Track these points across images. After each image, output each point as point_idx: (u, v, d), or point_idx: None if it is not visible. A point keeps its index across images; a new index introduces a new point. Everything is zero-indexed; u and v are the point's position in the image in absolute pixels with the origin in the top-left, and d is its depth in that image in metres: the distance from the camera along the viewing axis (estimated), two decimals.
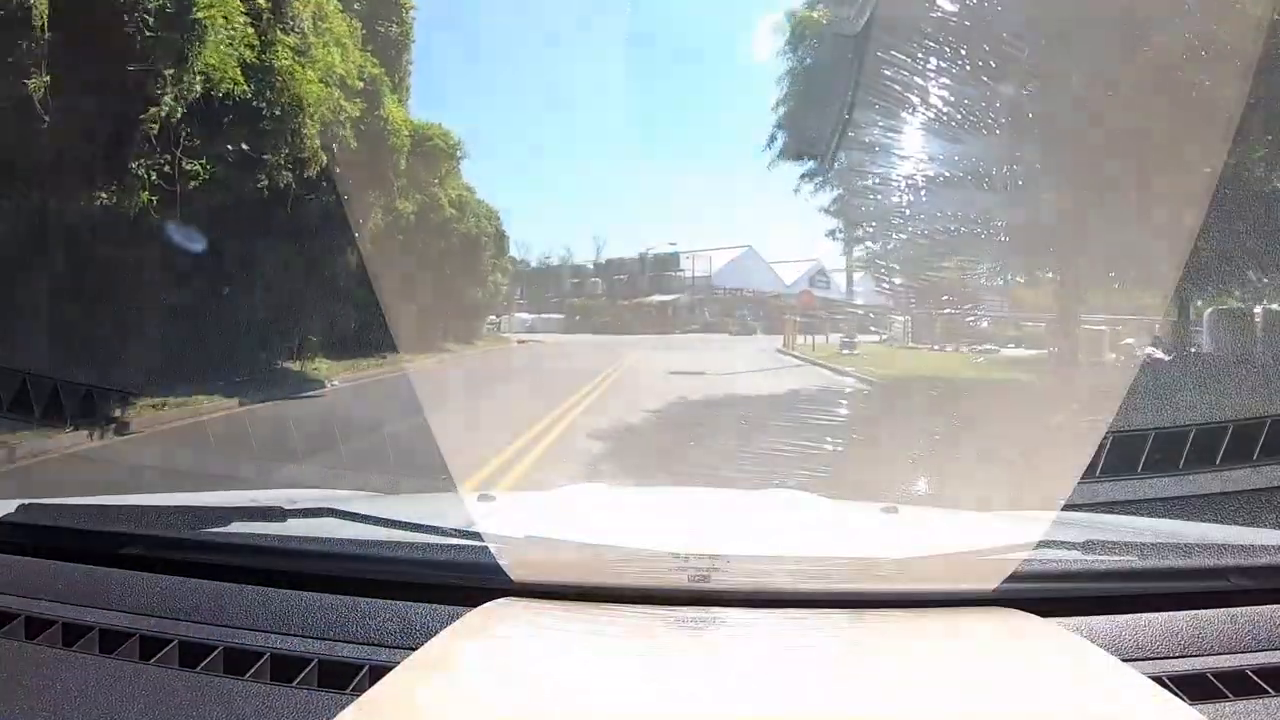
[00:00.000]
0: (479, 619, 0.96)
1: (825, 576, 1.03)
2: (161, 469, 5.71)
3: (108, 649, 1.00)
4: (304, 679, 0.93)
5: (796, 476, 4.62)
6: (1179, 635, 0.98)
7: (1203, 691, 0.89)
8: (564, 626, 0.96)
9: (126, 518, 1.32)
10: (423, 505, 1.89)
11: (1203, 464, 4.88)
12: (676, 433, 7.40)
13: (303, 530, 1.25)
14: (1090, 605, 1.03)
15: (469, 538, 1.14)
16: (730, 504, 1.87)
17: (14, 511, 1.25)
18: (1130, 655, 0.93)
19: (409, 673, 0.82)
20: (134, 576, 1.13)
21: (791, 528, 1.54)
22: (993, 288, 14.57)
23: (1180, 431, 5.26)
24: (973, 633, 0.97)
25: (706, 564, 1.01)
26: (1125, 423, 3.87)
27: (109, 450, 6.23)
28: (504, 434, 6.64)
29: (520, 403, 9.47)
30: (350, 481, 4.38)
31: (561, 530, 1.21)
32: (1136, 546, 1.17)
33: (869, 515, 1.58)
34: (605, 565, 1.04)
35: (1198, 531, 1.58)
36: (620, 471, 5.62)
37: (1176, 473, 5.20)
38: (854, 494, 3.82)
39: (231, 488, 2.17)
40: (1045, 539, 1.16)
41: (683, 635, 0.93)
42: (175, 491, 2.30)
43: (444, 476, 3.68)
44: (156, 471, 5.68)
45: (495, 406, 9.49)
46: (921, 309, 16.89)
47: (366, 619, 1.01)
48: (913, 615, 0.99)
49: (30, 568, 1.19)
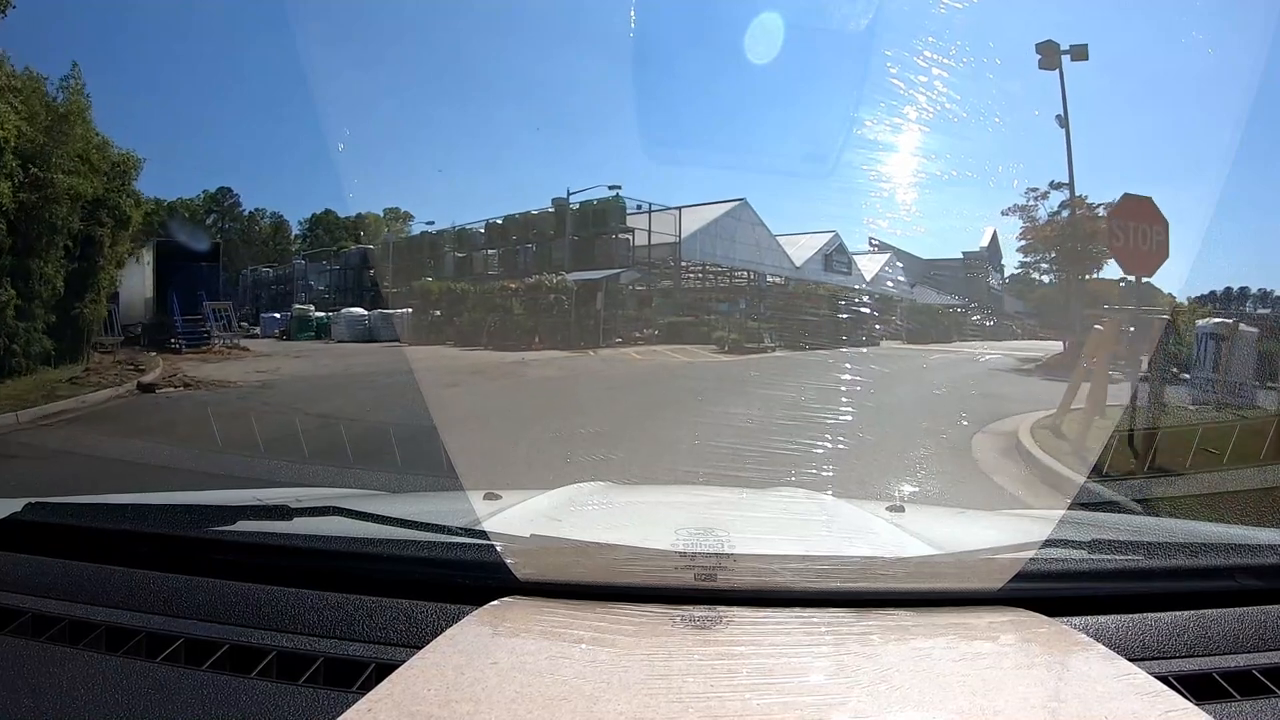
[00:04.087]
0: (485, 617, 0.97)
1: (832, 575, 1.03)
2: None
3: (114, 647, 1.00)
4: (310, 677, 0.93)
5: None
6: (1185, 635, 0.99)
7: (1209, 691, 0.89)
8: (570, 625, 0.96)
9: (133, 516, 1.32)
10: (428, 504, 1.87)
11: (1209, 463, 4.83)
12: None
13: (309, 529, 1.25)
14: (1097, 605, 1.03)
15: (475, 536, 1.14)
16: (737, 502, 1.85)
17: (20, 510, 1.25)
18: (1137, 655, 0.93)
19: (415, 671, 0.83)
20: (141, 575, 1.13)
21: (798, 526, 1.55)
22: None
23: (1187, 430, 4.92)
24: (980, 632, 0.96)
25: (713, 562, 1.01)
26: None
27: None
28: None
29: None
30: (356, 481, 4.24)
31: (567, 529, 1.22)
32: (1143, 546, 1.17)
33: (876, 514, 1.57)
34: (611, 564, 1.03)
35: (1204, 531, 1.58)
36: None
37: (1183, 472, 5.28)
38: None
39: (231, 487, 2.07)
40: (1052, 538, 1.16)
41: (689, 633, 0.93)
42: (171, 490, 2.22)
43: (449, 476, 3.57)
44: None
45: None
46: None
47: (373, 617, 1.02)
48: (920, 614, 0.99)
49: (37, 566, 1.18)
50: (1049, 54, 19.42)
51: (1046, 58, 19.58)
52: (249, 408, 8.88)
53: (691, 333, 22.07)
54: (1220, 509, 4.46)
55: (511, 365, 15.56)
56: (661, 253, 25.28)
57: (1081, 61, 19.94)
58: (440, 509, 1.64)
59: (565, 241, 25.03)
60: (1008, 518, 1.86)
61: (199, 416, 8.61)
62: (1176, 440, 5.57)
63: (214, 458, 5.89)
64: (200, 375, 12.56)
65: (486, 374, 13.91)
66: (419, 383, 11.92)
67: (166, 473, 5.49)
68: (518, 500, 1.58)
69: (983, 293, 36.62)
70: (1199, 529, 1.73)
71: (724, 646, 0.90)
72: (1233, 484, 4.71)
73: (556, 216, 25.73)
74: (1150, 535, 1.48)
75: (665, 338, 22.16)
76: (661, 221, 24.98)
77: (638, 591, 1.01)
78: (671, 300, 25.32)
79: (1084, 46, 19.70)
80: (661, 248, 25.14)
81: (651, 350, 20.20)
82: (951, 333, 30.57)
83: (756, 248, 28.18)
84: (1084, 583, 1.09)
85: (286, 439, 6.72)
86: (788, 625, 0.95)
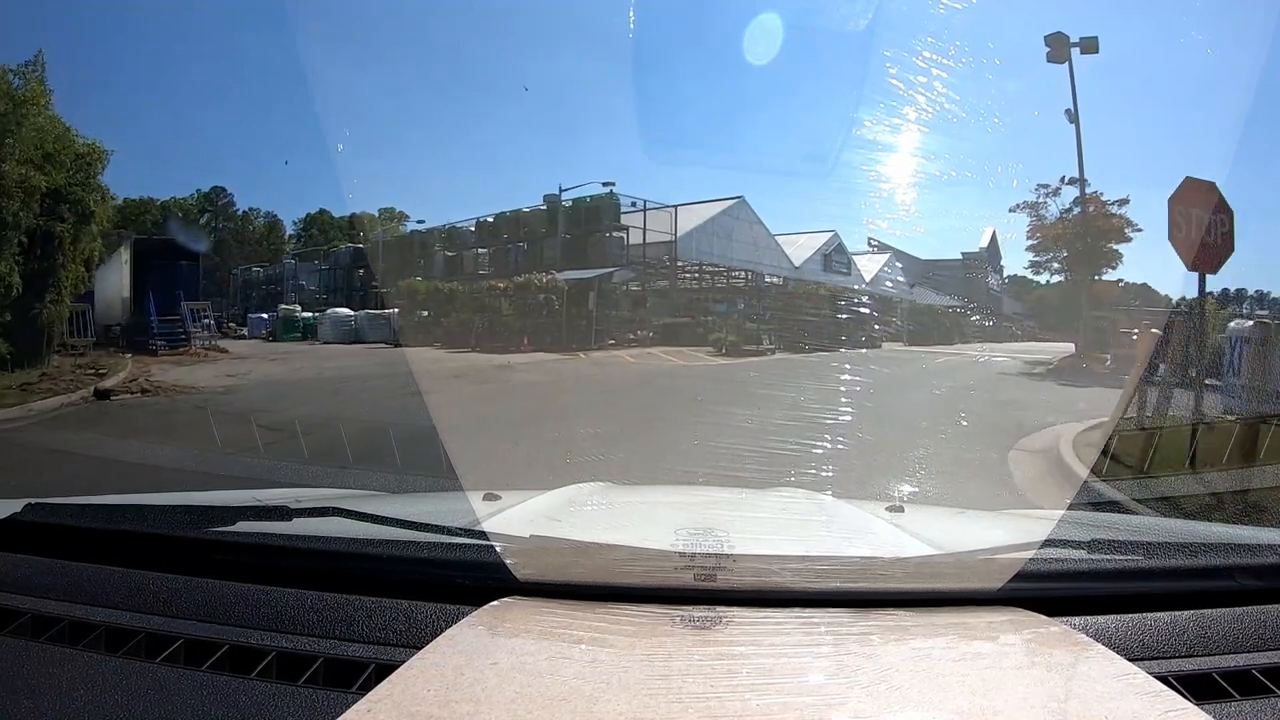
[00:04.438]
0: (485, 618, 0.97)
1: (832, 575, 1.03)
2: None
3: (114, 647, 1.00)
4: (310, 677, 0.93)
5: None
6: (1185, 635, 0.99)
7: (1209, 691, 0.90)
8: (570, 625, 0.95)
9: (133, 517, 1.33)
10: (428, 504, 1.91)
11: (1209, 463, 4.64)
12: None
13: (308, 529, 1.25)
14: (1096, 605, 1.03)
15: (474, 537, 1.14)
16: (736, 502, 1.84)
17: (20, 510, 1.25)
18: (1136, 655, 0.93)
19: (415, 671, 0.83)
20: (140, 575, 1.13)
21: (798, 526, 1.57)
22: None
23: (1186, 430, 5.02)
24: (980, 632, 0.96)
25: (713, 563, 1.01)
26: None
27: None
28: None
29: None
30: (356, 481, 4.22)
31: (567, 529, 1.25)
32: (1142, 546, 1.18)
33: (875, 514, 1.55)
34: (611, 564, 1.03)
35: (1204, 531, 1.66)
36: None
37: (1183, 472, 4.96)
38: None
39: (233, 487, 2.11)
40: (1051, 538, 1.17)
41: (689, 634, 0.92)
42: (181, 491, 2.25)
43: (450, 477, 3.45)
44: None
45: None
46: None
47: (372, 618, 1.02)
48: (919, 614, 0.99)
49: (37, 566, 1.18)
50: (1058, 46, 18.80)
51: (1055, 50, 18.97)
52: (200, 418, 8.26)
53: (688, 334, 21.32)
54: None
55: (495, 370, 14.77)
56: (657, 251, 24.40)
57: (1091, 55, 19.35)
58: (440, 509, 1.63)
59: (557, 240, 23.95)
60: (1007, 517, 1.89)
61: (148, 427, 8.07)
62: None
63: (150, 474, 5.49)
64: (166, 380, 12.04)
65: (468, 378, 13.18)
66: (391, 389, 11.10)
67: (95, 490, 4.93)
68: (517, 501, 1.55)
69: (982, 294, 36.71)
70: (1199, 529, 1.75)
71: (724, 647, 0.90)
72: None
73: (548, 214, 24.72)
74: (1150, 535, 1.49)
75: (660, 339, 21.49)
76: (657, 220, 24.13)
77: (637, 592, 1.01)
78: (667, 301, 24.56)
79: (1094, 39, 19.11)
80: (657, 246, 24.26)
81: (646, 353, 19.33)
82: (953, 334, 30.17)
83: (754, 247, 27.59)
84: (1083, 583, 1.10)
85: (240, 448, 6.28)
86: (787, 625, 0.95)
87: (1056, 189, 18.82)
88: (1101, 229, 17.90)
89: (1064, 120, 18.43)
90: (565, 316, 19.98)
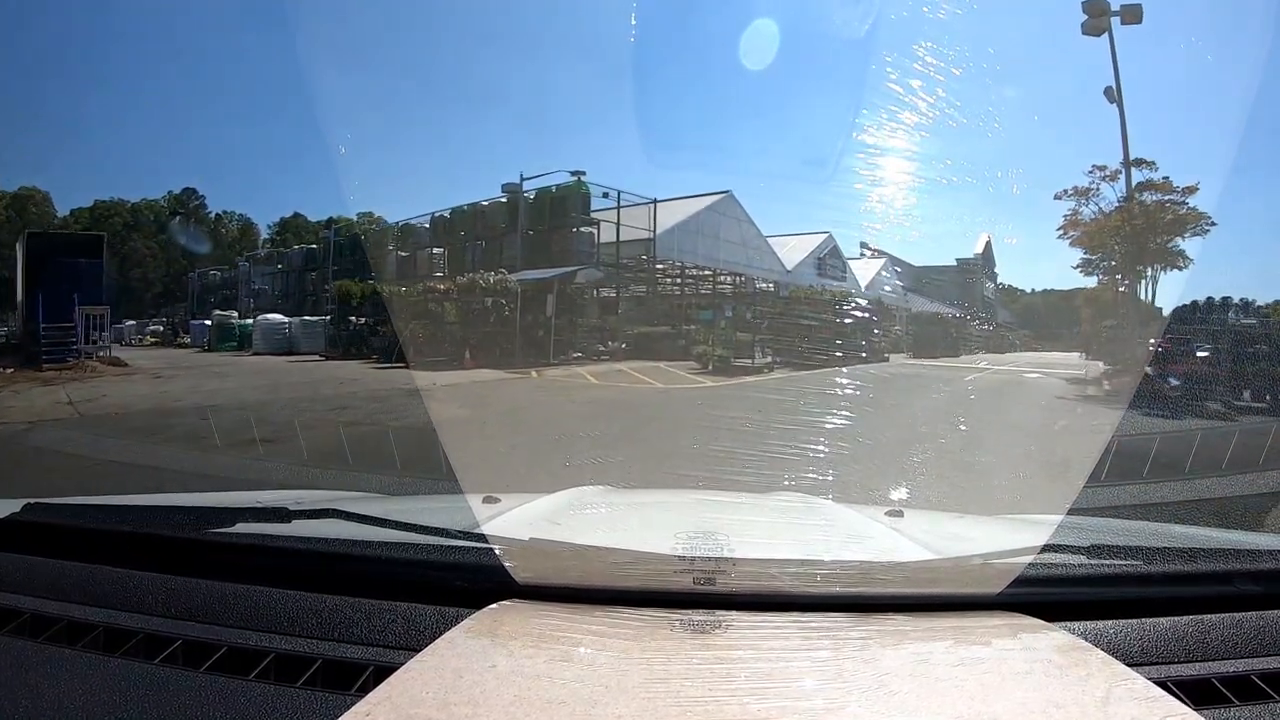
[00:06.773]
0: (484, 620, 0.98)
1: (831, 580, 1.03)
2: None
3: (113, 648, 1.00)
4: (309, 679, 0.93)
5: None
6: (1184, 640, 0.99)
7: (1208, 697, 0.89)
8: (569, 628, 0.96)
9: (132, 517, 1.33)
10: (428, 507, 1.95)
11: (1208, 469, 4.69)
12: None
13: (308, 531, 1.25)
14: (1096, 610, 1.03)
15: (474, 539, 1.14)
16: (736, 506, 1.84)
17: (19, 510, 1.25)
18: (1135, 660, 0.93)
19: (413, 674, 0.83)
20: (139, 576, 1.13)
21: (797, 531, 1.58)
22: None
23: (1185, 435, 4.99)
24: (978, 637, 0.96)
25: (712, 567, 1.02)
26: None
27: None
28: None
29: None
30: (356, 483, 4.25)
31: (566, 532, 1.26)
32: (1141, 551, 1.19)
33: (874, 519, 1.55)
34: (610, 567, 1.04)
35: (1203, 536, 1.68)
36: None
37: (1182, 477, 4.96)
38: None
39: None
40: (1051, 543, 1.16)
41: (688, 638, 0.93)
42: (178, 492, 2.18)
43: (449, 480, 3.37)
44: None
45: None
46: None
47: (371, 620, 1.02)
48: (918, 619, 0.99)
49: (36, 566, 1.19)
50: (1097, 14, 16.20)
51: (1094, 19, 16.38)
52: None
53: (667, 347, 18.35)
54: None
55: (401, 398, 10.47)
56: (633, 250, 21.11)
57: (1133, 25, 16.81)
58: (439, 512, 1.63)
59: (517, 237, 20.54)
60: (1007, 522, 1.92)
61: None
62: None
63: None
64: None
65: (351, 409, 9.57)
66: (247, 421, 7.61)
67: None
68: (517, 504, 1.55)
69: (978, 301, 35.48)
70: (1198, 534, 1.80)
71: (722, 651, 0.90)
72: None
73: (509, 207, 21.19)
74: (1149, 540, 1.49)
75: (634, 352, 18.29)
76: (634, 215, 20.78)
77: (636, 595, 1.01)
78: (644, 307, 21.52)
79: (1137, 6, 16.56)
80: (634, 244, 20.96)
81: (614, 370, 15.70)
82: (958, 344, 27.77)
83: (744, 247, 24.58)
84: (1082, 588, 1.10)
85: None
86: (786, 630, 0.96)
87: (1115, 173, 16.13)
88: (1164, 221, 15.26)
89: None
90: (519, 325, 16.82)
